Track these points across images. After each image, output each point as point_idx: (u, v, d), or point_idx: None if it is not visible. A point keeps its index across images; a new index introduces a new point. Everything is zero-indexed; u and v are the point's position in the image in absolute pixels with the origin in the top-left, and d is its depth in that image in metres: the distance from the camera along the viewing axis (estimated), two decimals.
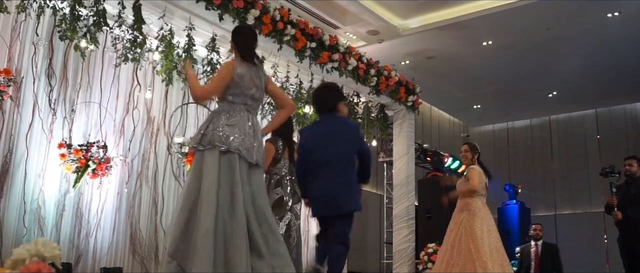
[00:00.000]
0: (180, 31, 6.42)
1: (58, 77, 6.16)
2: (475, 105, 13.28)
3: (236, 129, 3.62)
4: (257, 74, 3.82)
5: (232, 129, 3.60)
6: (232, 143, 3.55)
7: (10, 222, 5.60)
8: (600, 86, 11.67)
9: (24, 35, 5.91)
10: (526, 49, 10.02)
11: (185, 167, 7.07)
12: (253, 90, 3.77)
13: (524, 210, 12.16)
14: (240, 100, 3.73)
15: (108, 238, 6.40)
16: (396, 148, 9.27)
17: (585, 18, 8.83)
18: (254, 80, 3.77)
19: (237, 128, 3.62)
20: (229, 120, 3.63)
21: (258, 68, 3.85)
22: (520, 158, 14.08)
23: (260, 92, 3.83)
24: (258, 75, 3.82)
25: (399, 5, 8.81)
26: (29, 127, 5.84)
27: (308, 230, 8.93)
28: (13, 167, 5.69)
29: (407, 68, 10.15)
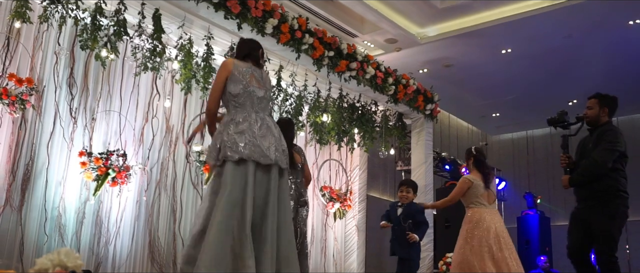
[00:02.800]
0: (199, 40, 6.47)
1: (79, 86, 6.23)
2: (494, 114, 13.19)
3: (245, 135, 3.58)
4: (260, 74, 3.85)
5: (241, 136, 3.57)
6: (244, 151, 3.52)
7: (31, 229, 5.67)
8: (622, 94, 11.37)
9: (46, 45, 5.99)
10: (545, 57, 9.94)
11: (203, 175, 7.10)
12: (256, 87, 3.74)
13: (544, 219, 12.03)
14: (245, 101, 3.70)
15: (127, 246, 6.44)
16: (414, 157, 9.23)
17: (606, 25, 8.74)
18: (256, 78, 3.77)
19: (247, 133, 3.59)
20: (237, 127, 3.61)
21: (262, 71, 3.91)
22: (540, 167, 13.93)
23: (266, 91, 3.79)
24: (261, 75, 3.86)
25: (417, 13, 8.80)
26: (50, 136, 5.91)
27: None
28: (34, 175, 5.76)
29: (425, 76, 10.12)
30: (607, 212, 4.68)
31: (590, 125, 5.09)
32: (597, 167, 4.73)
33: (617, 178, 4.73)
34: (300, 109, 7.58)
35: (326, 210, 9.06)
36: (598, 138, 4.85)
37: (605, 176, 4.73)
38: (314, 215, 8.92)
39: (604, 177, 4.73)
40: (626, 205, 4.75)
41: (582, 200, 4.93)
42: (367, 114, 8.46)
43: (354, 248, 9.30)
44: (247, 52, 3.93)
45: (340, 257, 9.23)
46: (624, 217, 4.75)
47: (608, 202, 4.69)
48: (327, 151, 9.22)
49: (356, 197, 9.44)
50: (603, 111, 5.05)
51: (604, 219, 4.70)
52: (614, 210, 4.69)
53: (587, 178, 4.82)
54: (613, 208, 4.69)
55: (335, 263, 9.13)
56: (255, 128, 3.61)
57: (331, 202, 8.96)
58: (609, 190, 4.71)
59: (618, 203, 4.70)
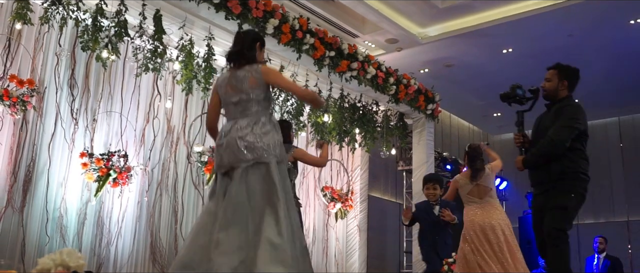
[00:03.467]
0: (200, 41, 6.47)
1: (80, 87, 6.24)
2: (496, 113, 13.17)
3: (220, 147, 3.58)
4: (236, 76, 3.63)
5: (218, 149, 3.59)
6: (221, 163, 3.54)
7: (33, 230, 5.68)
8: (624, 93, 11.52)
9: (47, 46, 6.00)
10: (547, 57, 9.86)
11: (204, 176, 7.10)
12: (231, 94, 3.63)
13: None
14: (226, 112, 3.70)
15: (128, 246, 6.44)
16: (415, 156, 9.23)
17: (607, 25, 8.73)
18: (231, 84, 3.63)
19: (218, 144, 3.62)
20: (218, 141, 3.63)
21: (241, 69, 3.65)
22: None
23: (243, 93, 3.59)
24: (237, 76, 3.63)
25: (418, 13, 8.79)
26: (52, 137, 5.92)
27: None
28: (36, 176, 5.77)
29: (426, 76, 10.11)
30: (563, 188, 4.17)
31: (548, 99, 4.51)
32: (553, 146, 4.17)
33: (576, 160, 4.20)
34: (302, 109, 7.58)
35: (328, 211, 9.06)
36: (556, 115, 4.30)
37: (563, 157, 4.18)
38: (315, 215, 8.92)
39: (562, 158, 4.18)
40: (585, 188, 4.23)
41: (538, 184, 4.37)
42: (368, 114, 8.46)
43: (355, 249, 9.30)
44: (227, 57, 3.80)
45: (341, 257, 9.22)
46: (581, 198, 4.21)
47: (563, 185, 4.18)
48: (328, 151, 9.21)
49: (357, 197, 9.44)
50: (562, 84, 4.47)
51: (559, 194, 4.18)
52: (570, 187, 4.18)
53: (542, 159, 4.26)
54: (569, 185, 4.18)
55: (337, 263, 9.13)
56: (223, 139, 3.57)
57: (332, 202, 8.95)
58: (566, 172, 4.17)
59: (576, 184, 4.19)
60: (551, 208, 4.15)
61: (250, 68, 3.64)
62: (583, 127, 4.26)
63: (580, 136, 4.26)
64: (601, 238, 9.18)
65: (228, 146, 3.52)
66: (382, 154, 8.92)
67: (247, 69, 3.63)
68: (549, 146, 4.21)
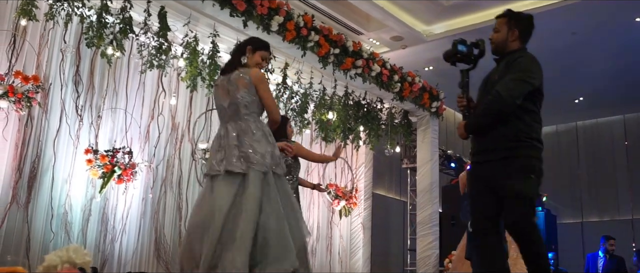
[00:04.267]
0: (204, 38, 6.47)
1: (85, 83, 6.24)
2: None
3: (212, 151, 3.61)
4: (229, 79, 3.65)
5: (211, 153, 3.63)
6: (212, 167, 3.56)
7: (37, 226, 5.69)
8: (628, 91, 11.47)
9: (52, 42, 6.00)
10: (551, 54, 9.88)
11: None
12: (222, 99, 3.65)
13: (550, 217, 11.98)
14: (219, 115, 3.73)
15: (133, 243, 6.46)
16: (420, 154, 9.21)
17: (612, 22, 8.69)
18: (223, 88, 3.65)
19: (211, 150, 3.65)
20: (213, 144, 3.67)
21: (233, 73, 3.67)
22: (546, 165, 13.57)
23: (232, 96, 3.60)
24: (230, 79, 3.65)
25: (423, 11, 8.77)
26: (57, 133, 5.93)
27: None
28: (41, 172, 5.78)
29: (431, 74, 10.09)
30: (516, 166, 3.39)
31: (497, 53, 3.82)
32: (502, 103, 3.43)
33: (528, 122, 3.48)
34: (306, 107, 7.57)
35: (332, 208, 9.06)
36: (506, 68, 3.60)
37: (516, 119, 3.46)
38: (319, 212, 8.92)
39: (514, 120, 3.45)
40: (540, 159, 3.51)
41: (481, 152, 3.59)
42: (373, 111, 8.45)
43: (359, 246, 9.29)
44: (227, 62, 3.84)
45: (345, 254, 9.22)
46: (539, 172, 3.49)
47: (516, 153, 3.41)
48: (332, 149, 9.20)
49: (362, 195, 9.44)
50: (513, 34, 3.76)
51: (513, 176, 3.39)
52: (525, 162, 3.42)
53: (488, 120, 3.52)
54: (524, 160, 3.42)
55: (341, 261, 9.13)
56: (221, 140, 3.59)
57: (337, 199, 8.95)
58: (520, 138, 3.43)
59: (530, 154, 3.44)
60: (512, 197, 3.37)
61: (241, 71, 3.65)
62: (538, 82, 3.56)
63: (535, 94, 3.55)
64: (613, 241, 9.14)
65: (229, 149, 3.52)
66: (386, 152, 8.91)
67: (239, 71, 3.65)
68: (497, 103, 3.45)
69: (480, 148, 3.61)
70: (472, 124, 3.68)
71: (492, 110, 3.51)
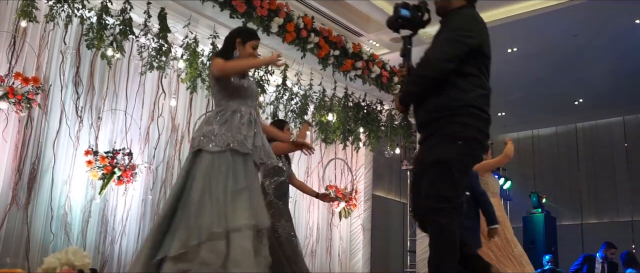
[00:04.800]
0: (204, 39, 6.48)
1: (85, 85, 6.24)
2: (500, 113, 13.15)
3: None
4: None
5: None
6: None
7: (37, 228, 5.69)
8: (628, 93, 11.47)
9: (52, 44, 6.01)
10: (552, 56, 9.89)
11: None
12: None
13: (549, 219, 11.99)
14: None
15: (133, 244, 6.45)
16: None
17: (613, 24, 8.70)
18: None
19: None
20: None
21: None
22: (546, 167, 13.89)
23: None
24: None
25: None
26: (56, 134, 5.93)
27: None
28: (40, 173, 5.78)
29: None
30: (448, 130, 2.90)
31: (440, 14, 3.24)
32: (428, 68, 2.98)
33: (465, 88, 2.94)
34: (306, 108, 7.58)
35: (331, 209, 9.06)
36: (440, 28, 3.15)
37: (450, 85, 2.92)
38: (319, 214, 8.92)
39: (447, 87, 2.92)
40: (483, 131, 2.96)
41: (419, 128, 3.13)
42: (373, 113, 8.46)
43: (359, 247, 9.29)
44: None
45: (345, 256, 9.22)
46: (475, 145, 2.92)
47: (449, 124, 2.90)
48: (332, 150, 9.21)
49: (361, 196, 9.44)
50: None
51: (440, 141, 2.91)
52: (457, 130, 2.88)
53: (417, 88, 3.03)
54: (455, 127, 2.89)
55: (341, 262, 9.13)
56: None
57: (336, 201, 8.95)
58: (451, 106, 2.91)
59: (465, 122, 2.89)
60: (429, 164, 2.89)
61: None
62: (477, 41, 3.03)
63: (475, 56, 3.02)
64: (614, 250, 9.12)
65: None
66: (386, 153, 8.91)
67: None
68: (424, 68, 3.01)
69: (417, 123, 3.11)
70: (403, 95, 3.18)
71: (420, 77, 3.02)
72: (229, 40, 3.74)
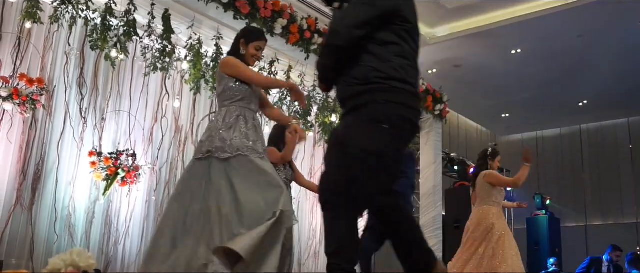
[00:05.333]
0: (208, 40, 6.49)
1: (89, 86, 6.25)
2: (504, 114, 13.14)
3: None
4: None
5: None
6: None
7: (41, 228, 5.69)
8: (633, 94, 11.45)
9: (56, 45, 6.01)
10: (556, 57, 9.88)
11: None
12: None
13: (553, 220, 11.96)
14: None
15: (136, 245, 6.46)
16: (423, 157, 9.20)
17: (617, 25, 8.68)
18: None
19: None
20: None
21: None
22: (550, 168, 13.87)
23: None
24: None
25: (426, 13, 8.77)
26: (61, 135, 5.93)
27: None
28: (45, 174, 5.79)
29: (434, 77, 10.09)
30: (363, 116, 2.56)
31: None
32: (333, 37, 2.64)
33: (383, 57, 2.58)
34: (309, 109, 7.58)
35: None
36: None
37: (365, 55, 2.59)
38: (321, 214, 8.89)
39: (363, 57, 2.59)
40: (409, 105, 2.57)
41: (341, 104, 2.79)
42: None
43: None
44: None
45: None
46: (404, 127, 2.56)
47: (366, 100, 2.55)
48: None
49: None
50: None
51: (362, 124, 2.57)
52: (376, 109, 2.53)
53: (327, 61, 2.71)
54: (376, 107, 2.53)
55: None
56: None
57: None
58: (367, 79, 2.56)
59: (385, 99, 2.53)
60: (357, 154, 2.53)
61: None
62: (389, 5, 2.65)
63: (392, 21, 2.65)
64: (620, 252, 9.09)
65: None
66: None
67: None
68: (331, 38, 2.67)
69: (338, 99, 2.78)
70: (318, 69, 2.84)
71: (328, 48, 2.72)
72: (236, 40, 3.86)
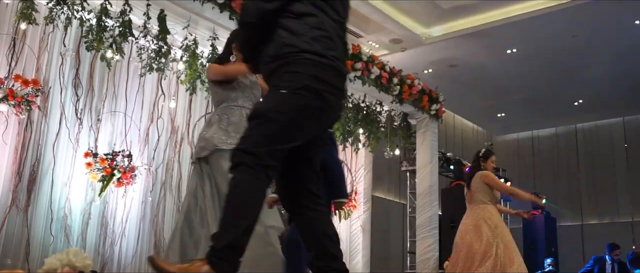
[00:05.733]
0: (204, 41, 6.48)
1: (84, 87, 6.24)
2: (500, 114, 13.16)
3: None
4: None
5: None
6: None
7: (37, 230, 5.68)
8: (628, 94, 11.48)
9: (51, 46, 6.01)
10: (551, 57, 9.91)
11: None
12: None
13: (549, 220, 11.98)
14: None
15: (132, 246, 6.45)
16: (419, 157, 9.21)
17: (612, 25, 8.71)
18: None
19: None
20: None
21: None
22: (546, 168, 13.90)
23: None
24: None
25: (422, 13, 8.78)
26: (56, 136, 5.93)
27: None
28: (40, 175, 5.78)
29: (430, 76, 10.10)
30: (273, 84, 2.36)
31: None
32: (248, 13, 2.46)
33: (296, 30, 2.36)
34: None
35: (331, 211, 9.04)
36: None
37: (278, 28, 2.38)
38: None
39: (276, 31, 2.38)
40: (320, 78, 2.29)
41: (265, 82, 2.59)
42: (372, 114, 8.45)
43: (359, 249, 9.29)
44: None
45: (345, 257, 9.13)
46: (307, 96, 2.26)
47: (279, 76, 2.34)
48: None
49: (361, 198, 9.43)
50: None
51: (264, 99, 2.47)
52: (284, 81, 2.30)
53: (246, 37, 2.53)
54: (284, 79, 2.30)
55: None
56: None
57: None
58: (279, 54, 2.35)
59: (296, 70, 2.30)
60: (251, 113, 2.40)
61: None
62: None
63: None
64: (618, 250, 9.11)
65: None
66: (385, 154, 8.91)
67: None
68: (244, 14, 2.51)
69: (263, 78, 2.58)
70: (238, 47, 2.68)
71: (242, 25, 2.58)
72: (227, 44, 3.80)
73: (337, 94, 2.35)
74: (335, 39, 2.40)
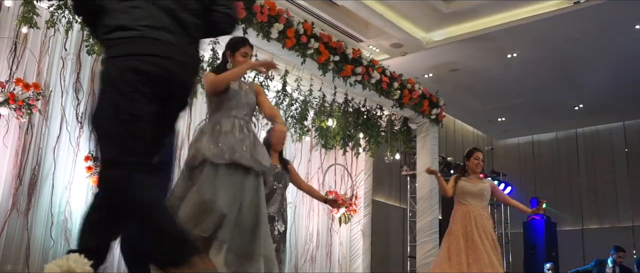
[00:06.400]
0: (204, 45, 6.48)
1: (85, 90, 6.25)
2: (500, 118, 13.16)
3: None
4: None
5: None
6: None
7: (37, 233, 5.68)
8: (629, 98, 11.48)
9: (52, 49, 6.02)
10: (552, 61, 9.91)
11: None
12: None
13: (550, 224, 11.97)
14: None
15: None
16: (420, 161, 9.21)
17: (613, 30, 8.71)
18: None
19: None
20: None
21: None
22: (546, 172, 13.89)
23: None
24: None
25: (423, 17, 8.79)
26: (57, 140, 5.93)
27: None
28: (41, 179, 5.78)
29: (430, 81, 10.11)
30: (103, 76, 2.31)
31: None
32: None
33: (108, 8, 2.29)
34: (306, 114, 7.58)
35: (331, 215, 9.05)
36: None
37: (107, 18, 2.29)
38: (319, 219, 8.91)
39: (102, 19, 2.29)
40: (136, 52, 2.22)
41: None
42: (373, 118, 8.46)
43: (359, 253, 9.28)
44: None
45: (345, 261, 9.21)
46: (124, 78, 2.22)
47: (102, 65, 2.33)
48: (332, 156, 9.21)
49: (361, 202, 9.43)
50: None
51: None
52: (104, 75, 2.31)
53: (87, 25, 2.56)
54: (103, 74, 2.32)
55: (341, 267, 9.11)
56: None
57: (343, 203, 8.94)
58: (102, 42, 2.34)
59: (110, 56, 2.26)
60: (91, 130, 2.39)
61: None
62: None
63: None
64: (622, 253, 9.10)
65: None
66: (386, 159, 8.91)
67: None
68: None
69: None
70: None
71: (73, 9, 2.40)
72: (222, 55, 3.91)
73: (155, 63, 2.30)
74: (144, 6, 2.30)
